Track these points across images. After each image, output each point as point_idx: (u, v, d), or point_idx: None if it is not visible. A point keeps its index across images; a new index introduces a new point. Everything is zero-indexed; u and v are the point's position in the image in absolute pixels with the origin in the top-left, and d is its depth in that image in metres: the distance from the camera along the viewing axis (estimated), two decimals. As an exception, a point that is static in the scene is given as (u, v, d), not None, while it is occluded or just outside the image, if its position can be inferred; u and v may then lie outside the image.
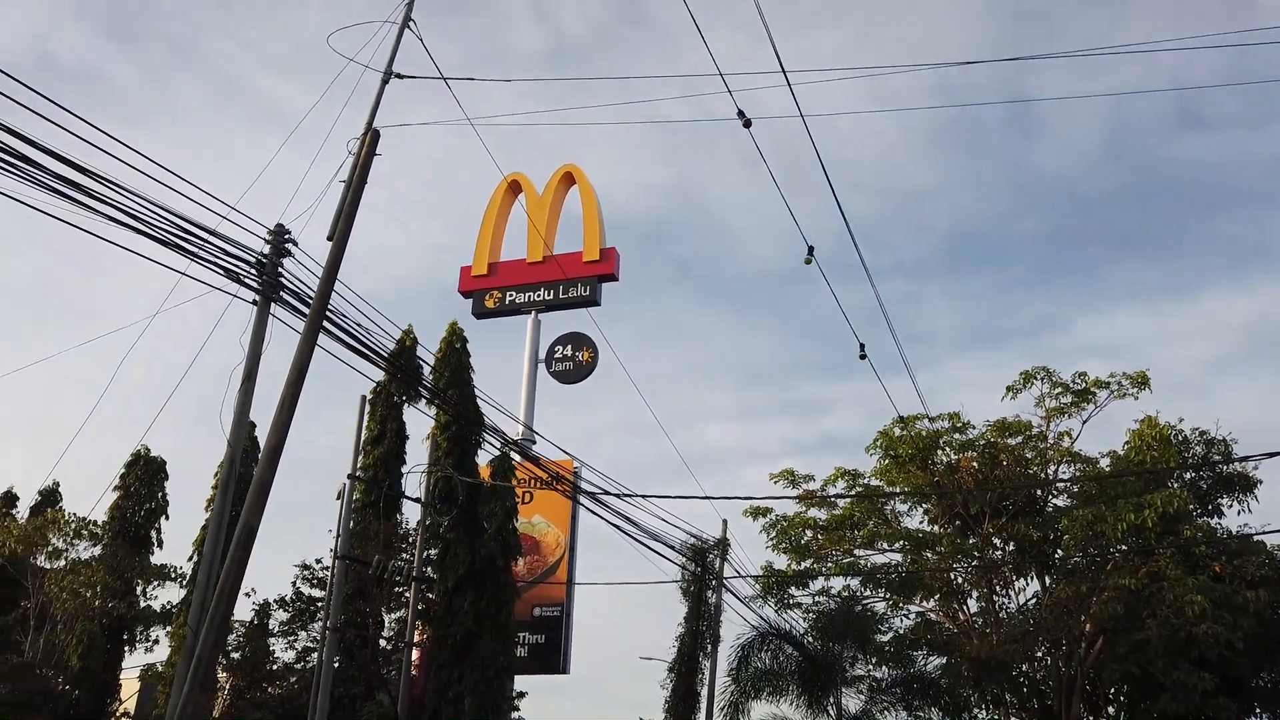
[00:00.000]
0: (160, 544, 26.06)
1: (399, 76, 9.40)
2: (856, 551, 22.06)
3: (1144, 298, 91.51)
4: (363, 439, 23.59)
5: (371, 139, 9.10)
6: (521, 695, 23.19)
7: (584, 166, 30.13)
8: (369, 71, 9.41)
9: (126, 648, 24.22)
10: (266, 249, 8.99)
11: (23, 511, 27.12)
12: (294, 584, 21.55)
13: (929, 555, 22.01)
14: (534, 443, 24.86)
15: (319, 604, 21.17)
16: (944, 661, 21.95)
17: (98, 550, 24.43)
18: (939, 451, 21.47)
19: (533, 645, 24.49)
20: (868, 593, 22.08)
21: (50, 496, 27.49)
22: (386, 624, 21.85)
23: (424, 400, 22.34)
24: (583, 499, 24.55)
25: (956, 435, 22.43)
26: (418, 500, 20.21)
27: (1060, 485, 22.47)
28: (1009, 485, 21.20)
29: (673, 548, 18.55)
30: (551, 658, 24.20)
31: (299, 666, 21.88)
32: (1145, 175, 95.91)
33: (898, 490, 21.08)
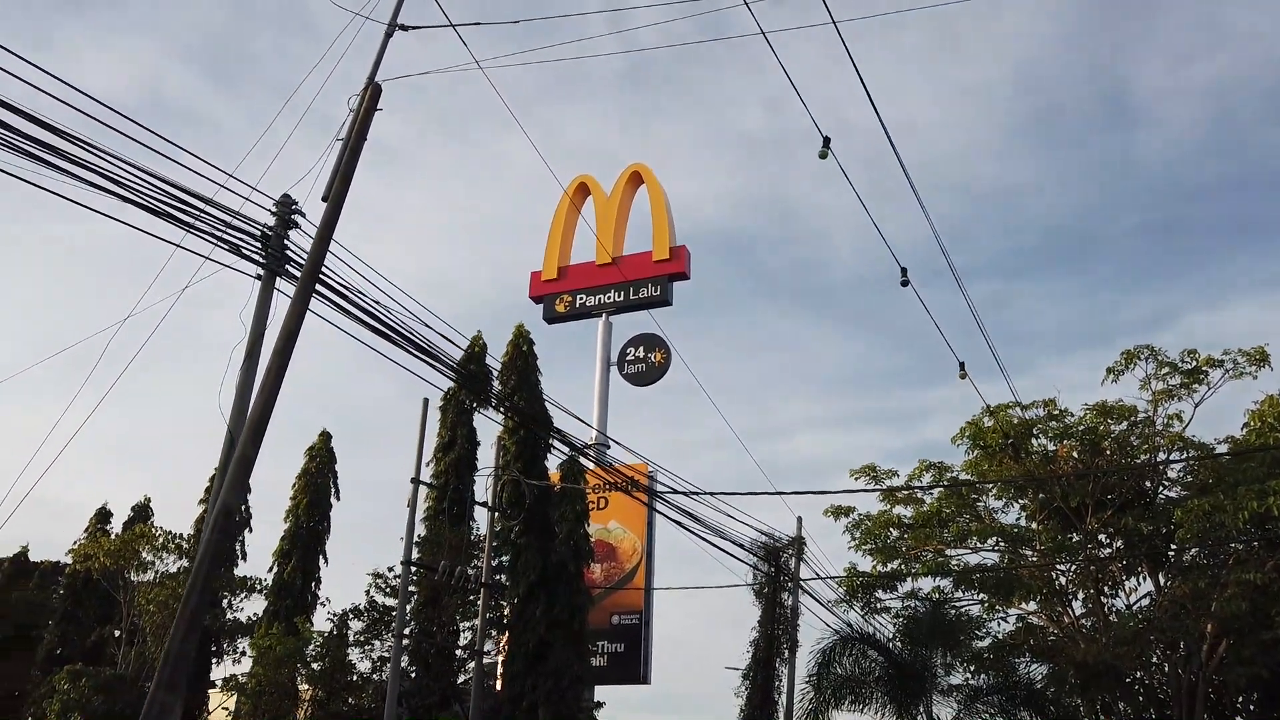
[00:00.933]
0: (244, 556, 26.34)
1: (403, 28, 8.94)
2: (947, 551, 20.48)
3: (1262, 289, 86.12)
4: (434, 445, 23.62)
5: (372, 94, 8.63)
6: (599, 705, 22.58)
7: (664, 179, 29.54)
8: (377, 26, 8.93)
9: (214, 659, 24.52)
10: (271, 221, 8.56)
11: (116, 528, 27.90)
12: (367, 593, 21.42)
13: (1028, 554, 20.38)
14: (608, 447, 24.31)
15: (393, 613, 20.95)
16: (1048, 668, 20.29)
17: (184, 563, 24.81)
18: (1033, 440, 19.77)
19: (612, 654, 23.86)
20: (960, 595, 20.57)
21: (142, 512, 28.19)
22: (462, 633, 21.54)
23: (491, 405, 22.05)
24: (656, 502, 23.89)
25: (1053, 424, 20.67)
26: (485, 505, 19.84)
27: (1173, 473, 20.46)
28: (1114, 471, 19.30)
29: (743, 546, 17.66)
30: (632, 667, 23.52)
31: (375, 677, 21.71)
32: (1256, 164, 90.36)
33: (988, 482, 19.46)
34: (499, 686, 19.98)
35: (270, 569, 23.45)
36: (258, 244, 8.32)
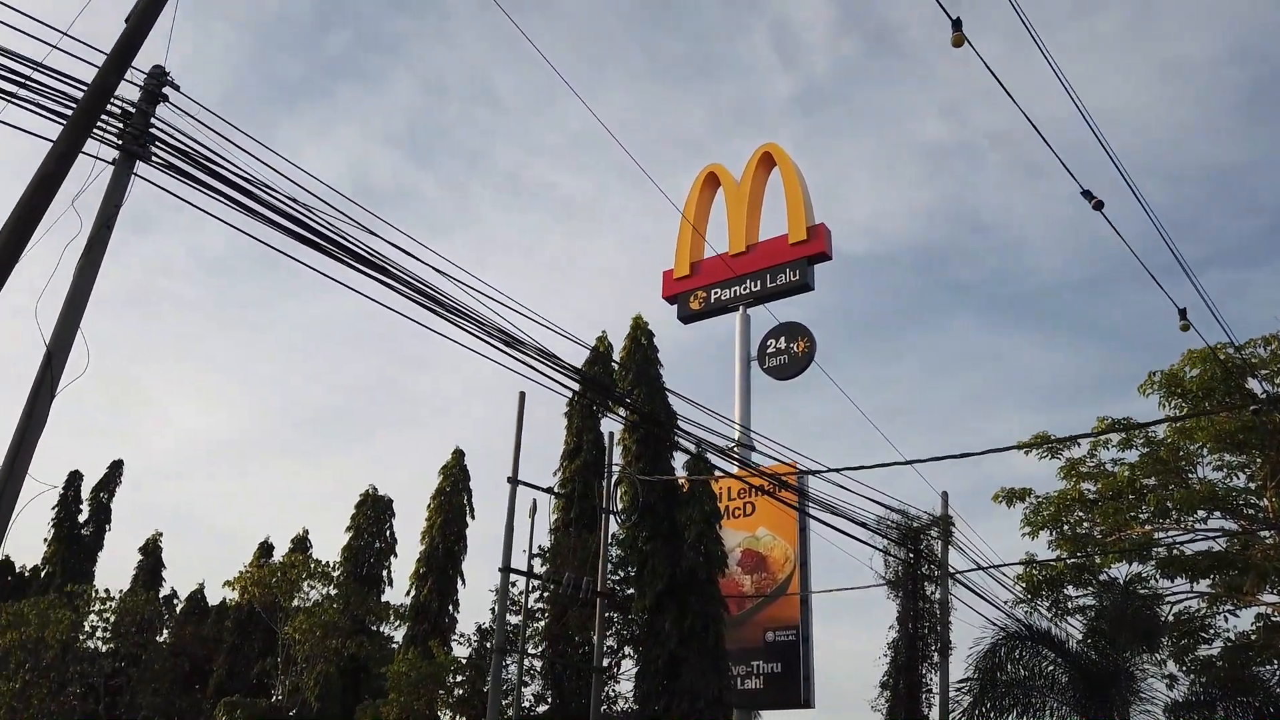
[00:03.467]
0: (391, 582, 26.02)
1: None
2: (1147, 528, 16.46)
3: None
4: (561, 452, 22.32)
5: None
6: (756, 731, 20.28)
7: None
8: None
9: (365, 687, 24.09)
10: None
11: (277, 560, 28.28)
12: (493, 611, 20.20)
13: (1267, 536, 16.17)
14: (752, 448, 22.16)
15: (524, 631, 19.60)
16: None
17: (331, 591, 24.65)
18: (1254, 382, 15.55)
19: (769, 675, 21.47)
20: (1170, 584, 16.55)
21: (301, 544, 28.49)
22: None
23: (612, 404, 20.53)
24: (807, 504, 21.46)
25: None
26: (608, 510, 18.22)
27: None
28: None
29: (866, 526, 15.01)
30: (791, 688, 21.03)
31: (508, 702, 20.39)
32: None
33: (1205, 413, 14.95)
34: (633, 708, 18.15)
35: (408, 593, 22.77)
36: (117, 122, 7.08)
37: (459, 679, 21.19)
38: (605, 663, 19.78)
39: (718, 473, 19.74)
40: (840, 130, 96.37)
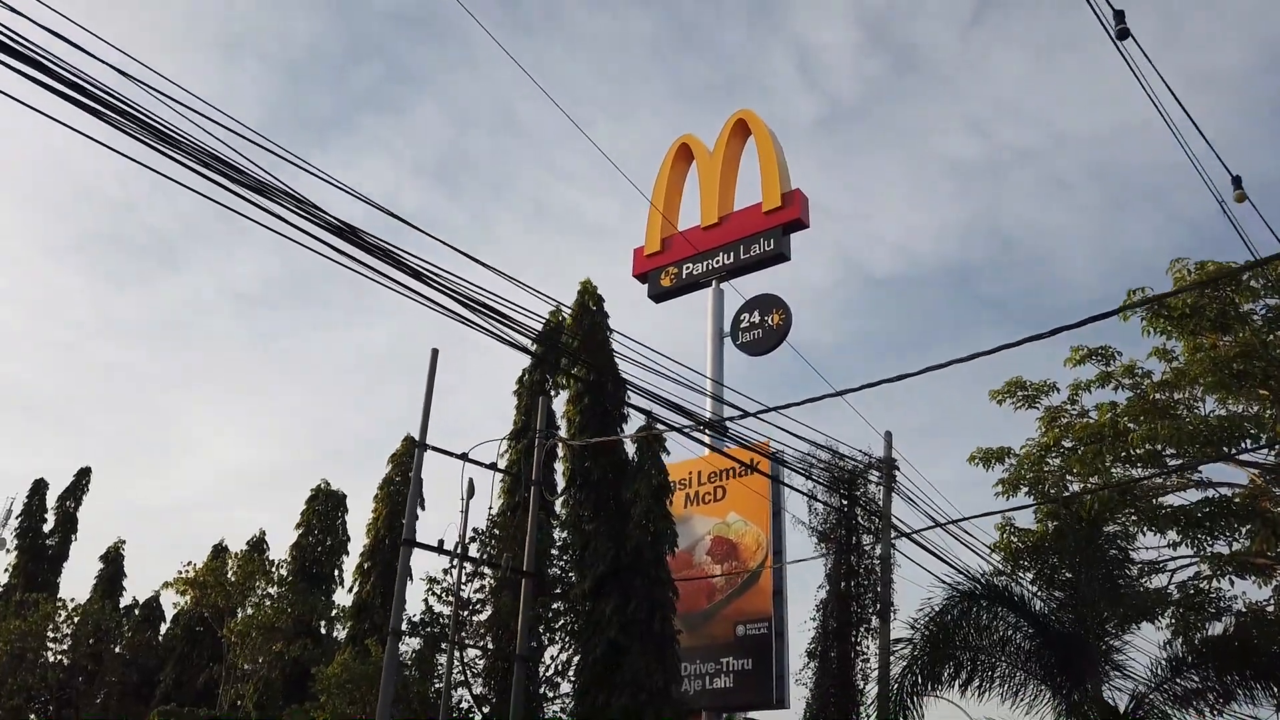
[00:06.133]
0: (342, 582, 24.38)
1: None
2: (1134, 471, 14.00)
3: None
4: (508, 431, 20.61)
5: None
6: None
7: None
8: None
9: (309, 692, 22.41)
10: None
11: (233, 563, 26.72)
12: (425, 601, 18.50)
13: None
14: (725, 430, 20.34)
15: (452, 621, 17.83)
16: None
17: (273, 591, 23.05)
18: (1247, 300, 13.08)
19: (739, 672, 19.51)
20: (1159, 539, 14.09)
21: (258, 545, 26.90)
22: (545, 643, 18.12)
23: (562, 371, 18.87)
24: (780, 478, 19.56)
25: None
26: (535, 482, 16.45)
27: None
28: None
29: (785, 464, 13.13)
30: (763, 687, 19.05)
31: (457, 697, 18.60)
32: None
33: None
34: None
35: (350, 589, 21.08)
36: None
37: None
38: (561, 657, 18.03)
39: (704, 462, 17.90)
40: (867, 150, 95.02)
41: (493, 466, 15.29)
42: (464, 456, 14.41)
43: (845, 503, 14.84)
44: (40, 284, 79.75)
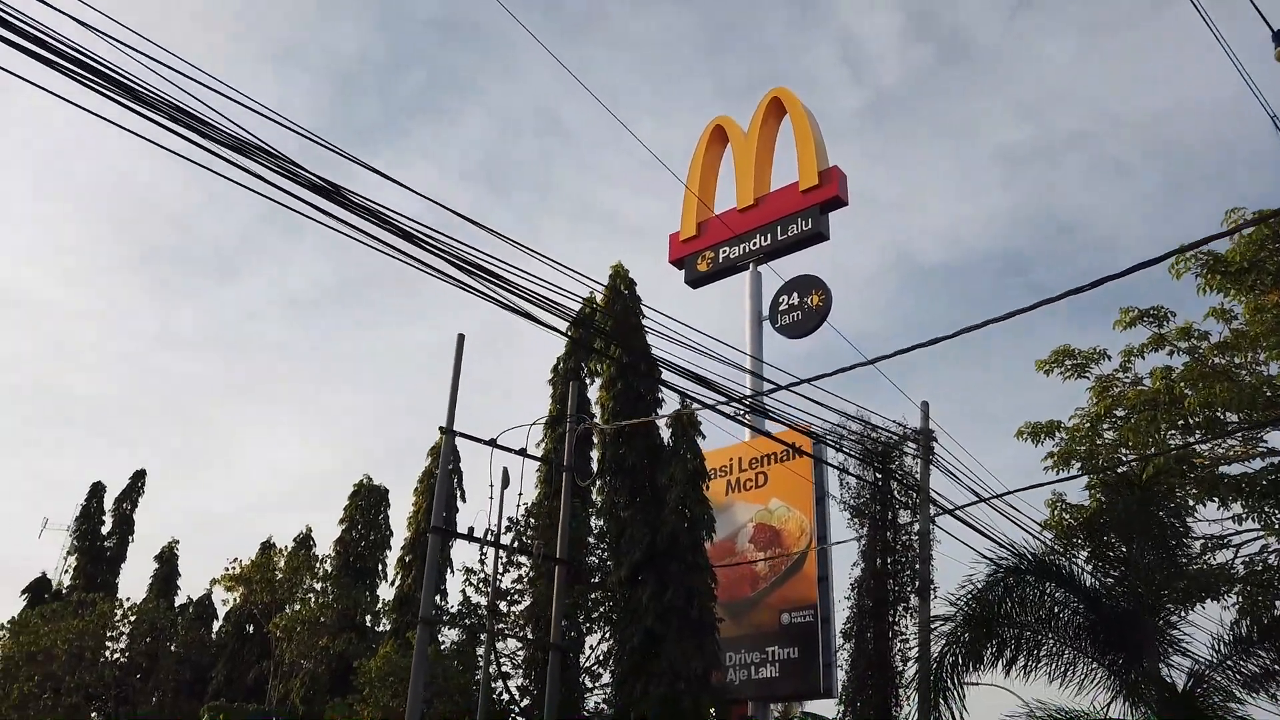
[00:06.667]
0: (385, 575, 24.37)
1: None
2: (1191, 439, 13.11)
3: None
4: (543, 421, 20.39)
5: None
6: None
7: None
8: None
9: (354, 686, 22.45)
10: None
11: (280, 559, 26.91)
12: (463, 593, 18.32)
13: None
14: (762, 408, 19.85)
15: (497, 612, 17.64)
16: None
17: (318, 586, 23.13)
18: None
19: (785, 661, 19.03)
20: (1222, 511, 13.22)
21: (304, 542, 27.07)
22: (585, 633, 17.84)
23: (595, 354, 18.57)
24: (823, 463, 18.99)
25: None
26: (567, 467, 16.15)
27: None
28: None
29: (821, 440, 12.57)
30: (810, 675, 18.56)
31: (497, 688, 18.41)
32: None
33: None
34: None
35: (392, 582, 21.04)
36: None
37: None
38: (601, 647, 17.74)
39: (745, 448, 17.44)
40: (914, 139, 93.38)
41: (521, 452, 14.99)
42: (491, 442, 14.12)
43: (879, 476, 14.32)
44: (103, 296, 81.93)
